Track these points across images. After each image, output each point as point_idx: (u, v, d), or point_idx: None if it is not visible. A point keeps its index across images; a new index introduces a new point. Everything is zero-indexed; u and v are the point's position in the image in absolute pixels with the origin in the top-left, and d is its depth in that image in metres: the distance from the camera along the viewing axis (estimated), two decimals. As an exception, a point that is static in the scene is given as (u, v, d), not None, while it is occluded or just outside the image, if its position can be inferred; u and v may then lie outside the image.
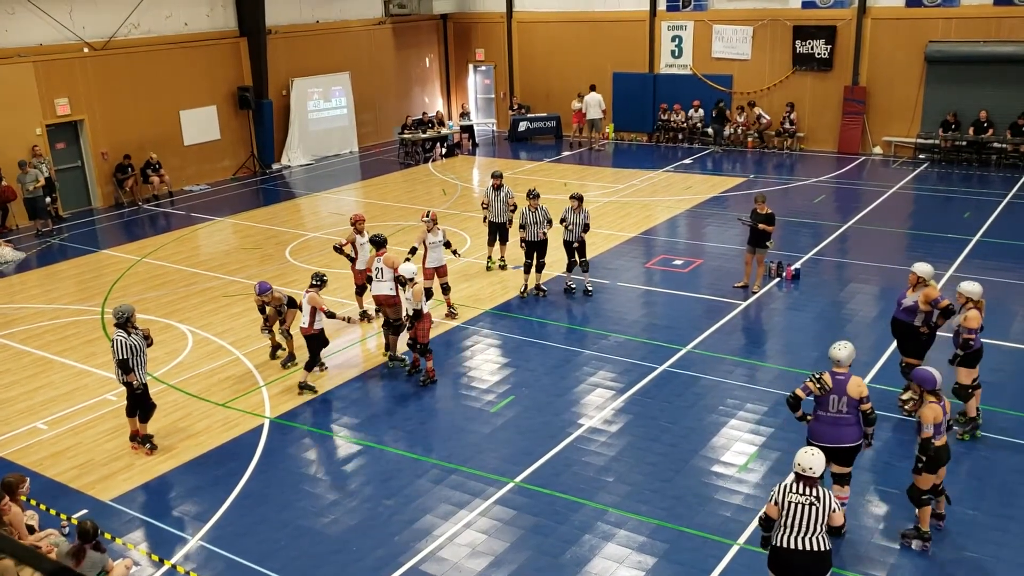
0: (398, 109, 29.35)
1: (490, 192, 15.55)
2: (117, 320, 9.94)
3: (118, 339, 9.86)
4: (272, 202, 22.39)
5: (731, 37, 26.09)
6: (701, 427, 10.46)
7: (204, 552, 8.49)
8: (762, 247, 14.26)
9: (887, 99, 24.28)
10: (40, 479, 9.68)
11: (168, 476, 9.82)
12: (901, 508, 8.66)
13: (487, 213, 15.64)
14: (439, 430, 10.61)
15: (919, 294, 10.31)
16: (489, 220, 15.66)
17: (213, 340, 13.43)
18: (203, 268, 16.95)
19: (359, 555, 8.37)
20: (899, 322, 10.63)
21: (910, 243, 17.52)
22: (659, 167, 24.35)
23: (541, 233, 14.32)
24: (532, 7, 29.27)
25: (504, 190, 15.48)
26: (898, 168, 23.29)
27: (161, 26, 22.97)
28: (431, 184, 23.44)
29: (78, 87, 21.18)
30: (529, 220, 14.33)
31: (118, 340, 9.86)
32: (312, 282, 11.53)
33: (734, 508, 8.86)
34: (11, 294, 16.05)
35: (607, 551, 8.27)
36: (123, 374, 9.94)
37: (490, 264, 16.16)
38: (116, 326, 9.97)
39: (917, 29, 23.35)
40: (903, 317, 10.51)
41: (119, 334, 9.89)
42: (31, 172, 19.39)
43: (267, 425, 10.88)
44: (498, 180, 15.56)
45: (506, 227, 15.66)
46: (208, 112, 24.15)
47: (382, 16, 28.98)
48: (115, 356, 9.90)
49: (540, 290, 14.73)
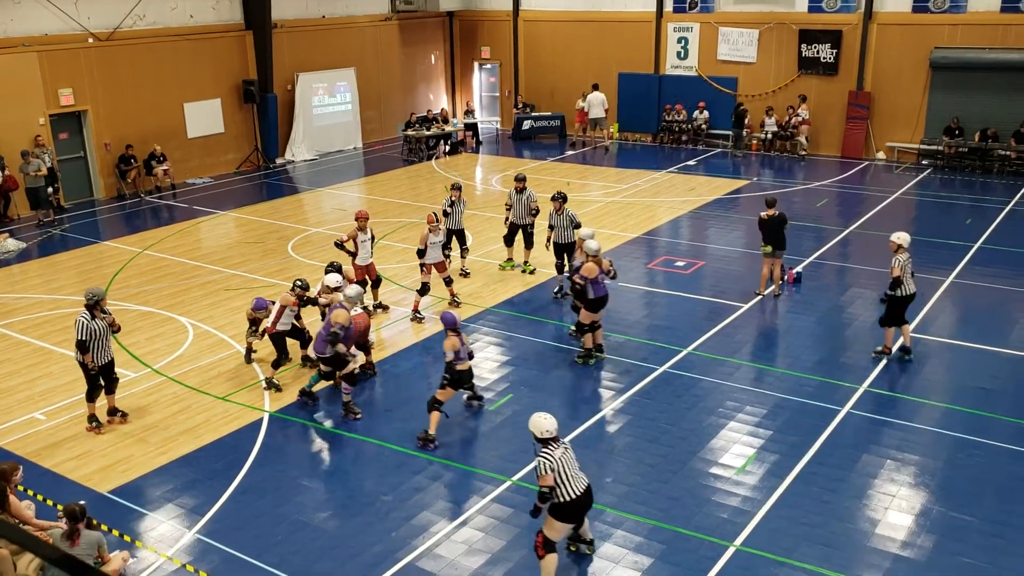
0: (403, 106, 29.34)
1: (513, 194, 15.54)
2: (87, 301, 10.25)
3: (81, 320, 10.20)
4: (275, 197, 22.39)
5: (737, 40, 26.07)
6: (700, 429, 10.46)
7: (201, 545, 8.49)
8: (782, 249, 14.25)
9: (891, 104, 24.27)
10: (37, 469, 9.68)
11: (166, 469, 9.81)
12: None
13: (509, 214, 15.63)
14: (438, 427, 10.60)
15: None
16: (511, 221, 15.62)
17: (214, 333, 13.43)
18: (205, 261, 16.95)
19: (356, 550, 8.37)
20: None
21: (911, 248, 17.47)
22: (663, 168, 24.33)
23: (568, 236, 14.23)
24: (539, 6, 29.25)
25: (527, 193, 15.38)
26: (901, 173, 23.27)
27: (166, 18, 22.96)
28: (434, 181, 23.43)
29: (82, 78, 21.17)
30: (556, 223, 14.31)
31: (80, 321, 10.19)
32: (293, 286, 11.61)
33: (731, 510, 8.86)
34: (11, 283, 16.05)
35: (604, 551, 8.27)
36: (80, 354, 10.25)
37: (504, 264, 16.06)
38: (85, 307, 10.26)
39: (923, 35, 23.33)
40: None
41: (83, 315, 10.22)
42: (33, 162, 19.38)
43: (266, 419, 10.88)
44: (521, 183, 15.50)
45: (528, 229, 15.51)
46: (212, 105, 24.14)
47: (388, 12, 28.96)
48: (76, 336, 10.23)
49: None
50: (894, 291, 11.76)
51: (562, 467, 7.43)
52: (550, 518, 7.56)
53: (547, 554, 7.54)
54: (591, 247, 11.94)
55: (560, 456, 7.46)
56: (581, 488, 7.50)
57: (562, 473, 7.41)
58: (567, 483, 7.43)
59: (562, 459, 7.46)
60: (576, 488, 7.47)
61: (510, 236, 15.83)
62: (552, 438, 7.53)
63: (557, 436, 7.59)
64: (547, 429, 7.52)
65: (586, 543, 8.23)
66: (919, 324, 13.30)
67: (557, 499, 7.46)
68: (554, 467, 7.38)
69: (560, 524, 7.57)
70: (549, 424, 7.54)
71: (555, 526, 7.57)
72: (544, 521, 7.66)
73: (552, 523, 7.56)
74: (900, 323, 11.99)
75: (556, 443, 7.54)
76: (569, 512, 7.52)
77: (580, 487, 7.50)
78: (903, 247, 11.87)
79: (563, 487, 7.42)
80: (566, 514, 7.52)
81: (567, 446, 7.65)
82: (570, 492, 7.45)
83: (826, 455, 9.82)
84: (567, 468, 7.46)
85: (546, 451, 7.46)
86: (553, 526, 7.57)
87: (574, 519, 7.63)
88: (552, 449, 7.48)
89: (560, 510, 7.49)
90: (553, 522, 7.55)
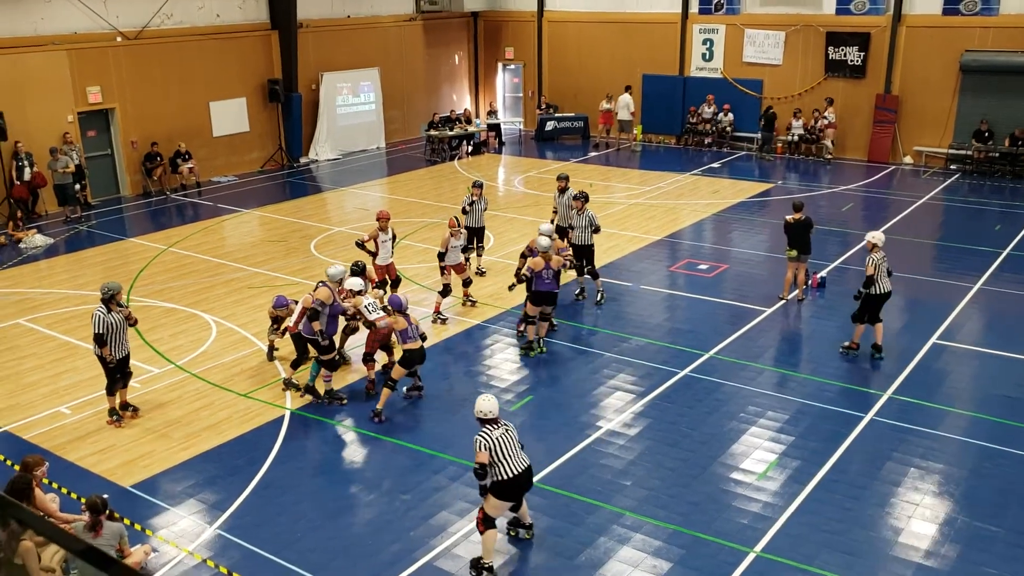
0: (426, 106, 29.40)
1: (557, 196, 15.48)
2: (102, 296, 10.38)
3: (98, 314, 10.34)
4: (299, 196, 22.50)
5: (763, 42, 25.90)
6: (721, 433, 10.39)
7: (221, 541, 8.54)
8: (807, 253, 14.16)
9: (920, 108, 24.00)
10: (61, 463, 9.79)
11: (188, 464, 9.88)
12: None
13: (555, 217, 15.52)
14: (457, 427, 10.59)
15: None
16: (556, 223, 15.36)
17: (236, 331, 13.52)
18: (228, 259, 17.07)
19: (375, 549, 8.38)
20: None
21: (938, 254, 17.32)
22: (687, 170, 24.23)
23: (587, 238, 14.16)
24: (563, 7, 29.22)
25: (569, 192, 15.25)
26: (928, 178, 23.02)
27: (194, 17, 23.15)
28: (456, 182, 23.46)
29: (110, 76, 21.39)
30: (577, 223, 14.25)
31: (97, 316, 10.33)
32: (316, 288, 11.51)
33: (752, 515, 8.79)
34: (39, 279, 16.24)
35: (622, 555, 8.24)
36: (98, 347, 10.38)
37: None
38: (101, 301, 10.39)
39: (953, 37, 23.05)
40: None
41: (100, 309, 10.36)
42: (62, 159, 19.61)
43: (287, 417, 10.93)
44: (563, 182, 15.41)
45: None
46: (238, 104, 24.31)
47: (413, 12, 29.04)
48: (93, 330, 10.37)
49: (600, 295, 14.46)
50: (868, 289, 11.97)
51: (499, 446, 7.77)
52: (490, 495, 7.88)
53: (487, 530, 7.90)
54: (541, 243, 12.40)
55: (498, 436, 7.81)
56: (520, 468, 7.82)
57: (498, 452, 7.76)
58: (504, 462, 7.77)
59: (500, 439, 7.80)
60: (514, 467, 7.79)
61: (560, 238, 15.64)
62: (492, 419, 7.89)
63: (498, 418, 7.94)
64: (486, 410, 7.92)
65: (524, 527, 8.49)
66: (945, 331, 13.16)
67: (495, 477, 7.79)
68: (489, 446, 7.74)
69: (497, 501, 7.90)
70: (488, 406, 7.93)
71: (493, 503, 7.90)
72: (485, 499, 7.97)
73: (491, 500, 7.89)
74: (874, 321, 12.20)
75: (496, 424, 7.89)
76: (507, 490, 7.84)
77: (519, 467, 7.82)
78: (878, 246, 12.10)
79: (500, 466, 7.76)
80: (504, 492, 7.85)
81: (508, 427, 7.97)
82: (507, 471, 7.77)
83: (848, 462, 9.72)
84: (504, 448, 7.79)
85: (484, 430, 7.84)
86: (491, 503, 7.90)
87: (512, 497, 7.95)
88: (491, 429, 7.83)
89: (498, 488, 7.82)
90: (491, 499, 7.88)
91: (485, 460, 7.76)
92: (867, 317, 12.19)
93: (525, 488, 8.04)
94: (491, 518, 7.93)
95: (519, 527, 8.51)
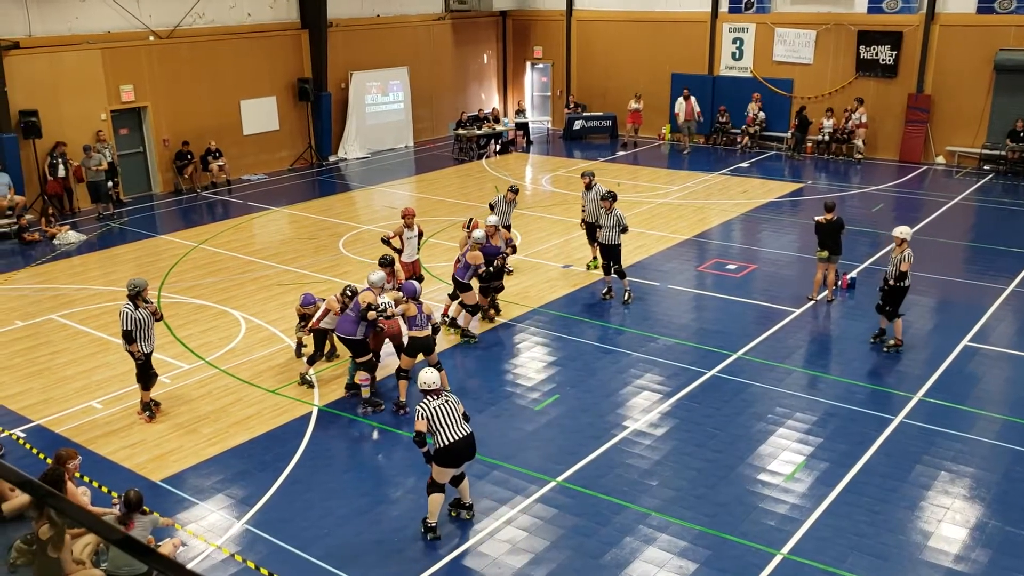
0: (454, 105, 29.46)
1: (584, 193, 15.49)
2: (128, 292, 10.48)
3: (125, 311, 10.45)
4: (328, 194, 22.64)
5: (793, 41, 25.69)
6: (748, 435, 10.32)
7: (249, 535, 8.62)
8: (837, 254, 14.05)
9: (953, 108, 23.68)
10: (93, 456, 9.92)
11: (217, 459, 9.98)
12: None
13: (584, 215, 15.55)
14: (483, 426, 10.60)
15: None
16: (584, 221, 15.50)
17: (266, 327, 13.63)
18: (258, 256, 17.21)
19: (400, 546, 8.43)
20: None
21: (970, 256, 17.08)
22: (715, 170, 24.09)
23: (614, 237, 14.13)
24: (592, 6, 29.15)
25: (595, 188, 15.26)
26: (961, 179, 22.72)
27: (225, 16, 23.36)
28: (484, 180, 23.49)
29: (143, 74, 21.65)
30: (605, 222, 14.22)
31: (124, 312, 10.44)
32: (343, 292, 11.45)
33: (779, 517, 8.73)
34: (72, 275, 16.47)
35: (648, 555, 8.22)
36: (126, 344, 10.52)
37: (591, 264, 15.91)
38: (127, 298, 10.49)
39: (987, 36, 22.73)
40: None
41: (127, 306, 10.47)
42: (95, 156, 19.86)
43: (315, 413, 11.01)
44: (588, 179, 15.43)
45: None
46: (268, 103, 24.50)
47: (442, 12, 29.11)
48: (120, 327, 10.49)
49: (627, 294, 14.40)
50: (900, 282, 12.22)
51: (437, 415, 8.25)
52: (434, 464, 8.37)
53: (432, 493, 8.48)
54: (476, 235, 12.95)
55: (437, 406, 8.29)
56: (457, 436, 8.27)
57: (435, 420, 8.23)
58: (441, 429, 8.24)
59: (438, 408, 8.29)
60: (451, 435, 8.25)
61: (590, 235, 15.65)
62: (434, 391, 8.39)
63: (439, 389, 8.45)
64: (427, 382, 8.41)
65: (465, 508, 8.83)
66: (976, 333, 12.98)
67: (436, 444, 8.27)
68: (426, 415, 8.23)
69: (440, 468, 8.38)
70: (430, 378, 8.43)
71: (436, 469, 8.40)
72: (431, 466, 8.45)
73: (436, 467, 8.39)
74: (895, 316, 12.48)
75: (437, 395, 8.39)
76: (446, 456, 8.30)
77: (457, 434, 8.28)
78: (907, 241, 12.29)
79: (439, 433, 8.24)
80: (443, 458, 8.32)
81: (448, 398, 8.44)
82: (444, 437, 8.24)
83: (878, 464, 9.63)
84: (442, 416, 8.26)
85: (425, 401, 8.33)
86: (435, 469, 8.41)
87: (451, 463, 8.38)
88: (431, 400, 8.32)
89: (439, 454, 8.30)
90: (435, 466, 8.39)
91: (422, 428, 8.26)
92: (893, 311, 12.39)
93: (465, 456, 8.43)
94: (437, 484, 8.46)
95: (460, 508, 8.84)
